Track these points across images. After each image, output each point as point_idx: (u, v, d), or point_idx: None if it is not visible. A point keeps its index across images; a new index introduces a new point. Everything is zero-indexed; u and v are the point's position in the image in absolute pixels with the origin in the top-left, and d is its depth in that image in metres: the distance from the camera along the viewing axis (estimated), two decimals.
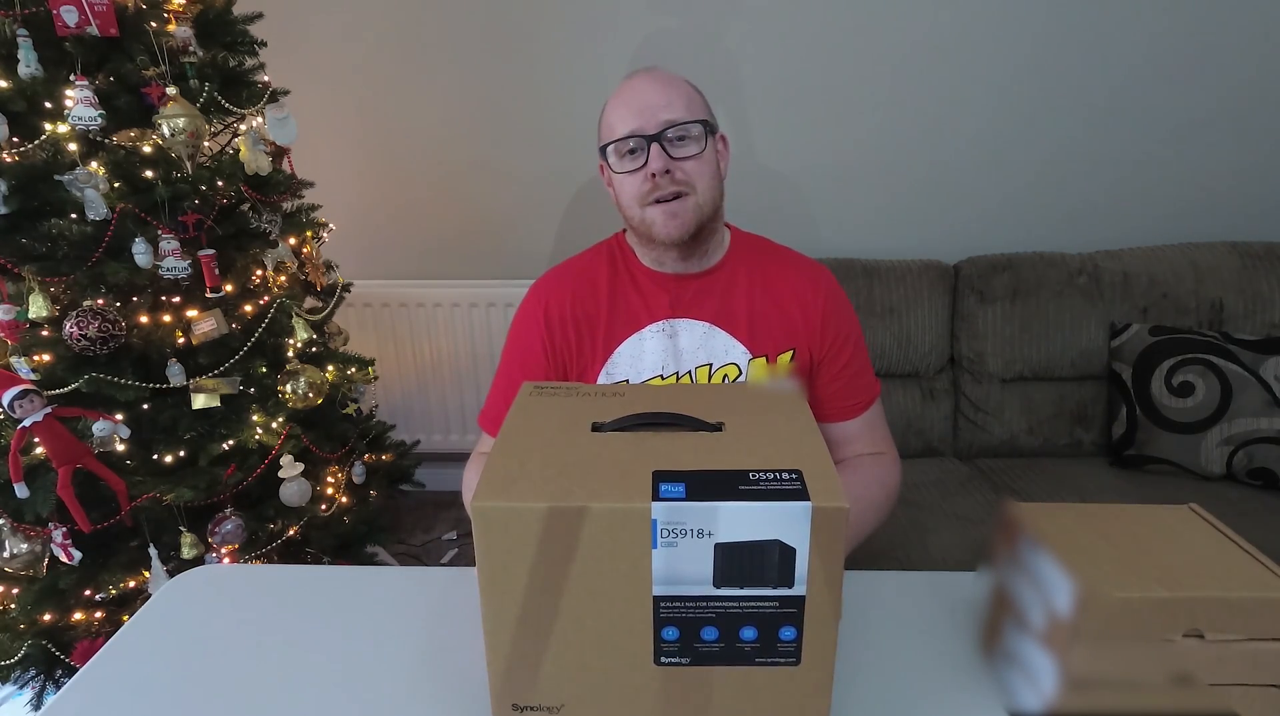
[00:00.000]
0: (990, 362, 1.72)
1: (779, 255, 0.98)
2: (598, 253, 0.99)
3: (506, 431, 0.56)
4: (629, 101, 0.87)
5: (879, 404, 0.99)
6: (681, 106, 0.86)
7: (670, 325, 0.92)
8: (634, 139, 0.86)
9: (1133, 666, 0.52)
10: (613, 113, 0.89)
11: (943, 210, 1.89)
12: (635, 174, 0.87)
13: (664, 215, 0.87)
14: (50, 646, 1.30)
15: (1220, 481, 1.55)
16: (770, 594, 0.48)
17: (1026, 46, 1.74)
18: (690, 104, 0.88)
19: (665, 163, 0.85)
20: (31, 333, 1.23)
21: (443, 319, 1.99)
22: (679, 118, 0.86)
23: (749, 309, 0.93)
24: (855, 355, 0.96)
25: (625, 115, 0.87)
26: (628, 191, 0.89)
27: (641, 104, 0.86)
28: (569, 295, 0.94)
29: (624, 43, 1.78)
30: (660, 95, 0.86)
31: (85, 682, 0.64)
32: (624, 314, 0.93)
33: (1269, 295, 1.65)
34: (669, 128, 0.85)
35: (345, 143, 1.91)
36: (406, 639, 0.68)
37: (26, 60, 1.17)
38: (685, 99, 0.88)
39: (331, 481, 1.60)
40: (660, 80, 0.88)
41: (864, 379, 0.97)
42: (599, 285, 0.95)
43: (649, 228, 0.88)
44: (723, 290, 0.93)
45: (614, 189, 0.93)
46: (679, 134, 0.86)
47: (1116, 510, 0.61)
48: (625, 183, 0.89)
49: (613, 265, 0.96)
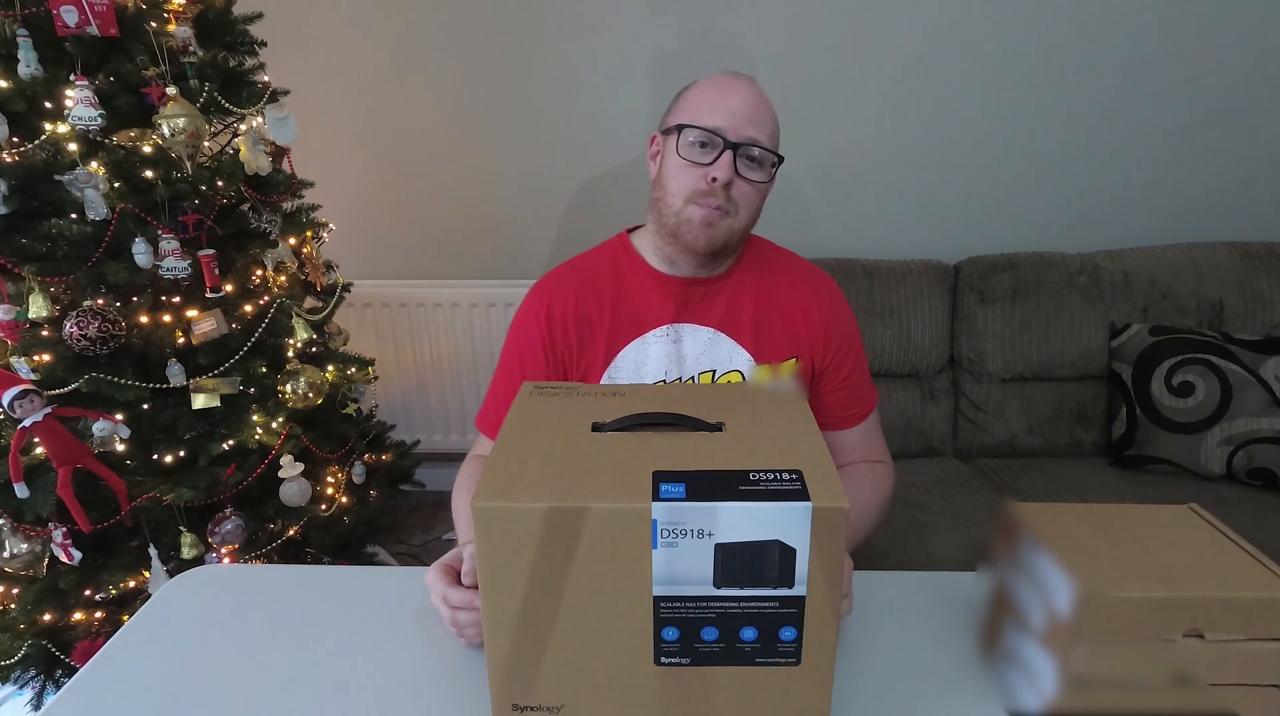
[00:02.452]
0: (990, 363, 1.72)
1: (785, 262, 0.98)
2: (601, 253, 0.97)
3: (506, 431, 0.56)
4: (725, 96, 0.85)
5: (876, 413, 1.00)
6: (768, 132, 0.86)
7: (675, 330, 0.91)
8: (715, 135, 0.83)
9: (1133, 666, 0.52)
10: (702, 97, 0.86)
11: (943, 210, 1.89)
12: (695, 168, 0.84)
13: (701, 221, 0.85)
14: (50, 646, 1.30)
15: (1220, 481, 1.55)
16: (770, 594, 0.48)
17: (1027, 47, 1.74)
18: (774, 134, 0.87)
19: (730, 175, 0.83)
20: (31, 332, 1.23)
21: (443, 319, 1.99)
22: (763, 140, 0.85)
23: (754, 316, 0.92)
24: (857, 366, 0.96)
25: (716, 107, 0.84)
26: (678, 180, 0.86)
27: (735, 106, 0.84)
28: (572, 295, 0.93)
29: (624, 42, 1.78)
30: (754, 109, 0.85)
31: (85, 682, 0.64)
32: (628, 317, 0.92)
33: (1269, 295, 1.65)
34: (752, 144, 0.84)
35: (345, 143, 1.91)
36: (406, 639, 0.68)
37: (26, 60, 1.17)
38: (772, 125, 0.87)
39: (331, 481, 1.60)
40: (756, 95, 0.87)
41: (864, 389, 0.97)
42: (603, 287, 0.93)
43: (680, 224, 0.86)
44: (729, 296, 0.92)
45: (660, 169, 0.90)
46: (755, 156, 0.85)
47: (1116, 510, 0.61)
48: (680, 171, 0.85)
49: (617, 267, 0.95)
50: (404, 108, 1.88)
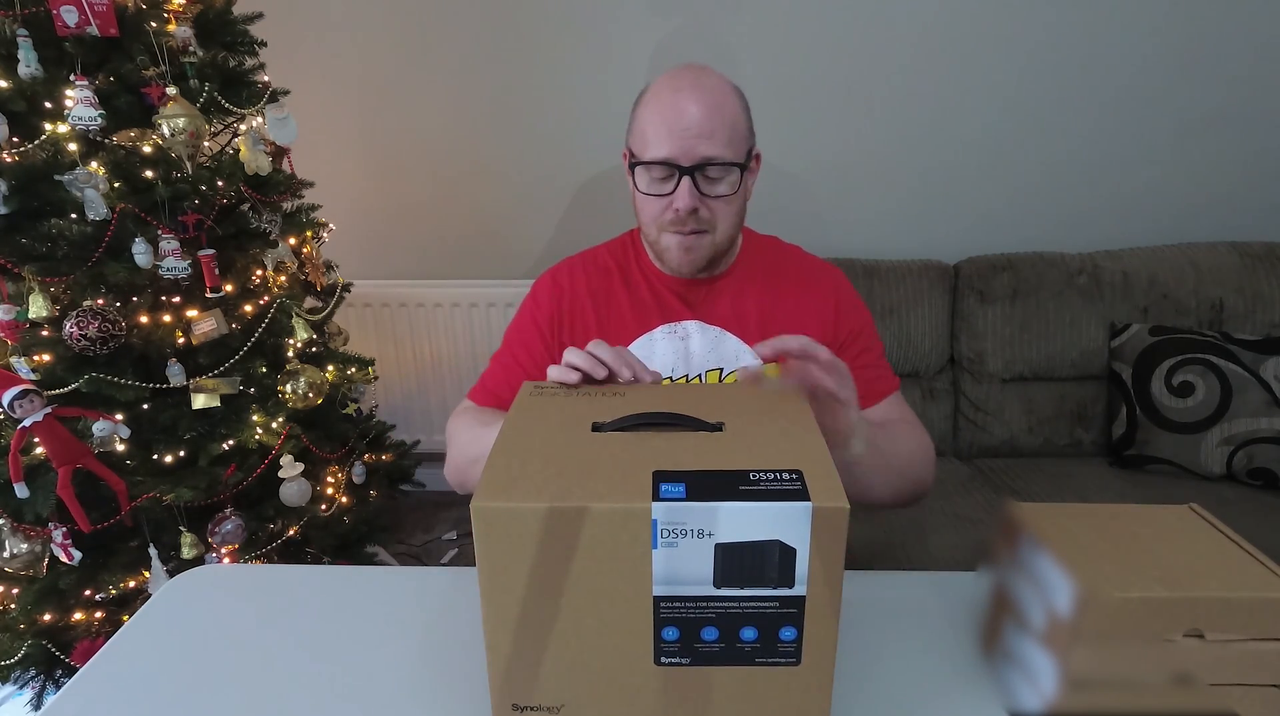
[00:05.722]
0: (990, 363, 1.72)
1: (790, 257, 0.97)
2: (612, 247, 0.98)
3: (506, 431, 0.56)
4: (670, 120, 0.79)
5: (900, 396, 0.94)
6: (723, 140, 0.79)
7: (682, 327, 0.92)
8: (668, 166, 0.80)
9: (1133, 666, 0.52)
10: (648, 122, 0.82)
11: (943, 210, 1.89)
12: (659, 198, 0.83)
13: (679, 248, 0.85)
14: (50, 646, 1.30)
15: (1220, 481, 1.55)
16: (770, 594, 0.48)
17: (1027, 47, 1.74)
18: (733, 136, 0.80)
19: (694, 201, 0.80)
20: (31, 332, 1.23)
21: (443, 319, 1.99)
22: (719, 155, 0.79)
23: (760, 313, 0.91)
24: (866, 349, 0.93)
25: (662, 135, 0.79)
26: (647, 211, 0.86)
27: (682, 128, 0.78)
28: (583, 277, 0.94)
29: (625, 42, 1.78)
30: (704, 121, 0.78)
31: (85, 682, 0.64)
32: (636, 311, 0.92)
33: (1269, 295, 1.65)
34: (706, 164, 0.79)
35: (345, 143, 1.91)
36: (406, 639, 0.68)
37: (26, 60, 1.17)
38: (728, 129, 0.80)
39: (331, 481, 1.60)
40: (706, 99, 0.79)
41: (878, 371, 0.93)
42: (612, 278, 0.95)
43: (661, 251, 0.88)
44: (734, 294, 0.92)
45: (632, 191, 0.89)
46: (714, 175, 0.81)
47: (1116, 510, 0.61)
48: (646, 203, 0.85)
49: (624, 263, 0.96)
50: (404, 108, 1.88)
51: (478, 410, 0.93)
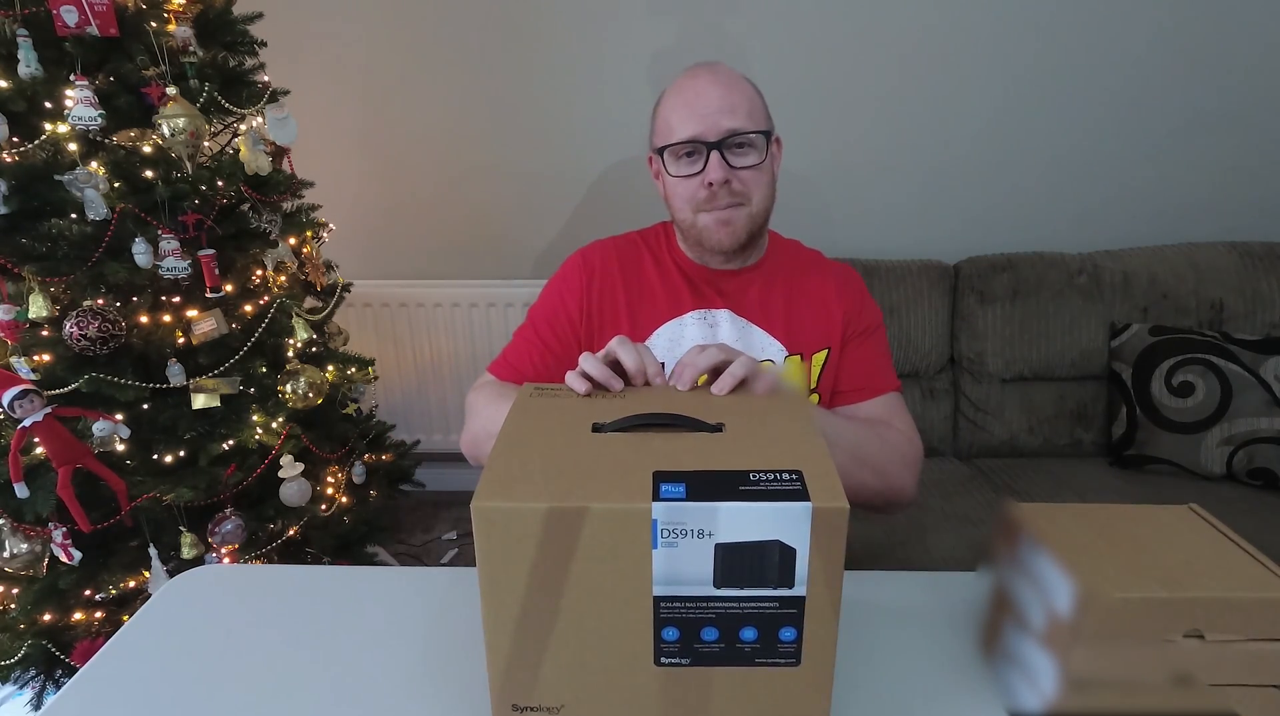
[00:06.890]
0: (990, 363, 1.72)
1: (811, 259, 1.01)
2: (643, 235, 1.00)
3: (506, 431, 0.56)
4: (691, 103, 0.84)
5: (897, 400, 0.94)
6: (744, 113, 0.84)
7: (713, 315, 0.93)
8: (695, 143, 0.84)
9: (1133, 666, 0.52)
10: (671, 112, 0.86)
11: (943, 210, 1.89)
12: (691, 179, 0.86)
13: (717, 223, 0.87)
14: (50, 646, 1.30)
15: (1220, 481, 1.55)
16: (770, 594, 0.48)
17: (1027, 46, 1.74)
18: (753, 110, 0.86)
19: (725, 173, 0.83)
20: (31, 333, 1.23)
21: (443, 319, 1.99)
22: (742, 126, 0.83)
23: (785, 307, 0.94)
24: (874, 345, 0.95)
25: (686, 118, 0.84)
26: (680, 194, 0.88)
27: (704, 107, 0.83)
28: (615, 256, 0.96)
29: (625, 42, 1.78)
30: (723, 99, 0.83)
31: (85, 682, 0.64)
32: (669, 294, 0.94)
33: (1269, 295, 1.65)
34: (731, 136, 0.83)
35: (345, 143, 1.91)
36: (406, 639, 0.68)
37: (26, 60, 1.17)
38: (748, 104, 0.85)
39: (331, 481, 1.60)
40: (723, 82, 0.85)
41: (879, 366, 0.95)
42: (644, 261, 0.96)
43: (700, 233, 0.89)
44: (761, 287, 0.94)
45: (664, 186, 0.92)
46: (740, 142, 0.84)
47: (1116, 510, 0.61)
48: (679, 186, 0.87)
49: (657, 249, 0.97)
50: (404, 108, 1.88)
51: (499, 384, 0.94)
